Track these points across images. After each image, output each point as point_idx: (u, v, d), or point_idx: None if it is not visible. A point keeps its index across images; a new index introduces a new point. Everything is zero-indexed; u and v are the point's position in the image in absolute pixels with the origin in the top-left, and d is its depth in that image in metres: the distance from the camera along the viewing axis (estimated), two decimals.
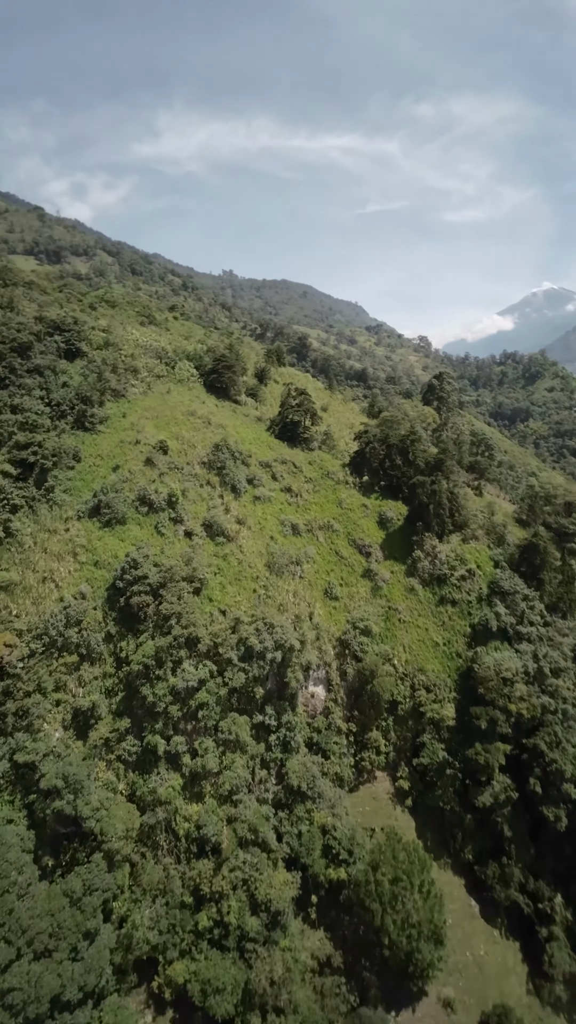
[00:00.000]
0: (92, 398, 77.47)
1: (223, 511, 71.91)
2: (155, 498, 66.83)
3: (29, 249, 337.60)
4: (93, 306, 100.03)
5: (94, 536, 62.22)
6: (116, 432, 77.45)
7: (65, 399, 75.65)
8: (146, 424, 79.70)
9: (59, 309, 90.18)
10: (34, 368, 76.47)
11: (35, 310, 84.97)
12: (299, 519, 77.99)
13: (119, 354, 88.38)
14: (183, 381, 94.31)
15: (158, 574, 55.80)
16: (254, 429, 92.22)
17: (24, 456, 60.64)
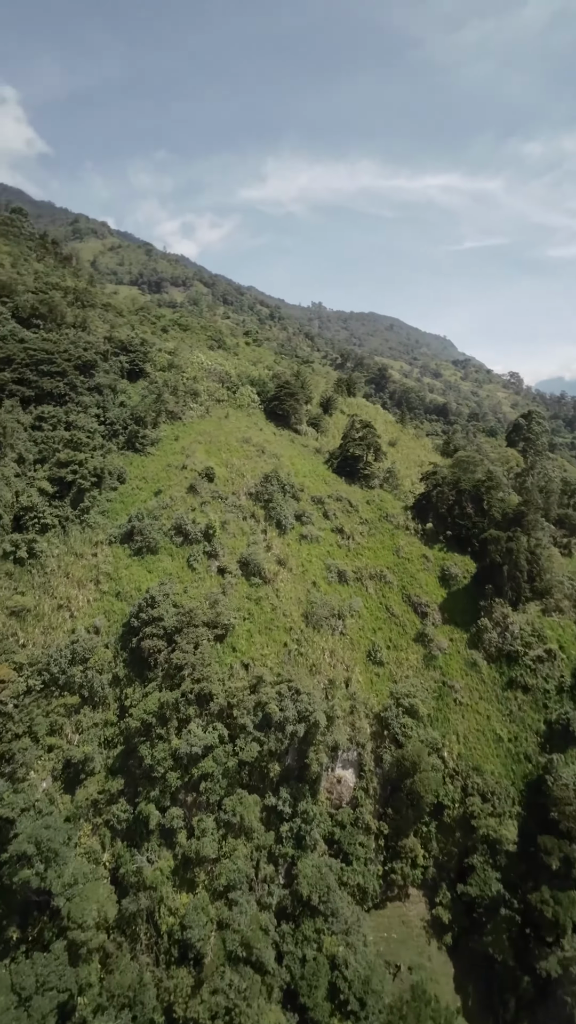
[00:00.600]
0: (146, 419, 75.66)
1: (263, 548, 65.58)
2: (191, 528, 62.07)
3: (134, 280, 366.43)
4: (165, 329, 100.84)
5: (121, 564, 58.37)
6: (165, 455, 74.69)
7: (119, 419, 74.40)
8: (197, 449, 76.28)
9: (130, 331, 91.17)
10: (95, 386, 76.36)
11: (106, 330, 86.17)
12: (348, 565, 69.53)
13: (181, 376, 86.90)
14: (243, 407, 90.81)
15: (175, 616, 50.10)
16: (311, 461, 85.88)
17: (63, 474, 58.62)
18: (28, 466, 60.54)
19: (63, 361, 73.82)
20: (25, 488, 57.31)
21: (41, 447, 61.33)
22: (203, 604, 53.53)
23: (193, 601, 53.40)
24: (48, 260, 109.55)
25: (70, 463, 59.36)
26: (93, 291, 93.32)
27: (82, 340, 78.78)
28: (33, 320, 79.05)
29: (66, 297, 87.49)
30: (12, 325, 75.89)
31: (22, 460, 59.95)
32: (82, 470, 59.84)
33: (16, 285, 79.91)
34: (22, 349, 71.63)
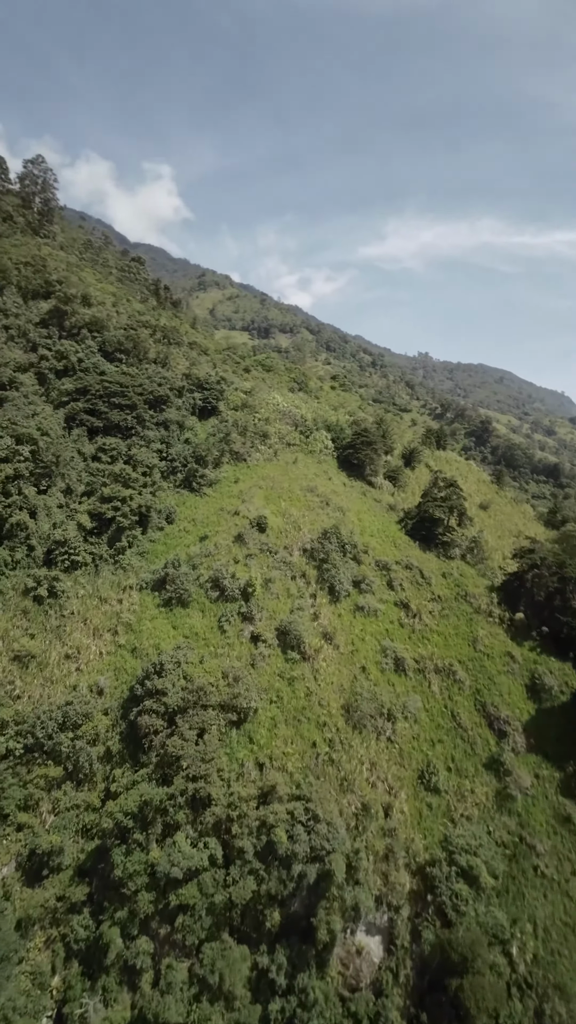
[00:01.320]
0: (207, 458, 71.78)
1: (309, 617, 56.44)
2: (229, 584, 55.04)
3: (246, 326, 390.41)
4: (248, 369, 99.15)
5: (146, 614, 52.67)
6: (221, 498, 69.66)
7: (180, 456, 71.30)
8: (256, 494, 70.35)
9: (210, 368, 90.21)
10: (162, 421, 74.69)
11: (185, 367, 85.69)
12: (410, 650, 57.48)
13: (253, 417, 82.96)
14: (315, 453, 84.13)
15: (181, 693, 42.35)
16: (382, 519, 75.74)
17: (103, 510, 55.32)
18: (75, 497, 58.38)
19: (135, 394, 73.24)
20: (64, 520, 54.67)
21: (90, 479, 59.01)
22: (220, 681, 45.27)
23: (208, 676, 45.33)
24: (151, 301, 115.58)
25: (113, 499, 56.04)
26: (180, 329, 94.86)
27: (159, 375, 78.36)
28: (117, 354, 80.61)
29: (154, 335, 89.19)
30: (97, 358, 77.70)
31: (69, 491, 57.96)
32: (124, 507, 56.16)
33: (109, 322, 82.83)
34: (99, 381, 72.28)
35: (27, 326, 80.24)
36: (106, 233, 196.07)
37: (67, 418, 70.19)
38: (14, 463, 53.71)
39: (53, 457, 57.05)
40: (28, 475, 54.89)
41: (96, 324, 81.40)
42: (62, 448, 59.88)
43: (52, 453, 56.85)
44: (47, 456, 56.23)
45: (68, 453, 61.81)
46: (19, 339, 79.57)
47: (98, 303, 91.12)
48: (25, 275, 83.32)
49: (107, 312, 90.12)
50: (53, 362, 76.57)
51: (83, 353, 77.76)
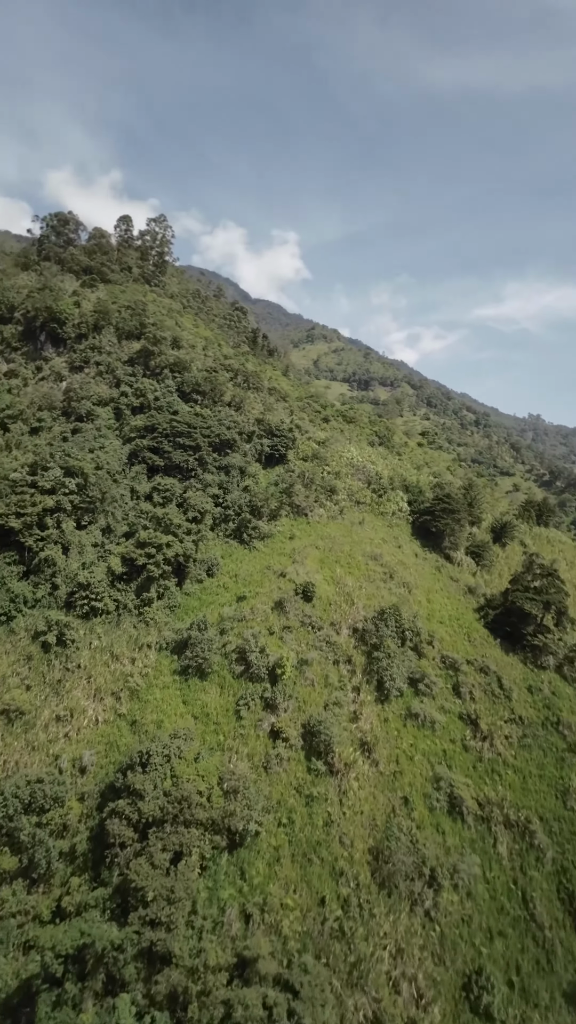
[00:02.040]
0: (263, 509, 66.02)
1: (346, 716, 46.36)
2: (256, 660, 47.12)
3: (347, 378, 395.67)
4: (327, 419, 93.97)
5: (158, 681, 46.29)
6: (271, 554, 62.93)
7: (236, 503, 66.39)
8: (310, 555, 62.67)
9: (287, 415, 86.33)
10: (224, 466, 70.99)
11: (259, 412, 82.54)
12: (472, 787, 44.32)
13: (322, 469, 76.50)
14: (387, 515, 74.85)
15: (161, 799, 34.41)
16: (456, 603, 63.47)
17: (135, 556, 51.12)
18: (114, 537, 55.20)
19: (200, 436, 70.72)
20: (95, 561, 51.23)
21: (133, 520, 55.64)
22: (214, 789, 36.67)
23: (199, 781, 36.90)
24: (244, 347, 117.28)
25: (148, 544, 51.71)
26: (264, 375, 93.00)
27: (229, 419, 75.68)
28: (194, 395, 79.83)
29: (234, 378, 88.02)
30: (173, 398, 77.33)
31: (109, 530, 54.95)
32: (158, 555, 51.50)
33: (192, 363, 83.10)
34: (168, 420, 71.03)
35: (116, 363, 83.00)
36: (221, 286, 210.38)
37: (131, 454, 69.27)
38: (58, 495, 51.94)
39: (99, 493, 54.75)
40: (70, 509, 52.77)
41: (179, 365, 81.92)
42: (111, 484, 57.64)
43: (99, 489, 54.57)
44: (93, 491, 53.99)
45: (119, 490, 59.64)
46: (107, 375, 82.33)
47: (188, 345, 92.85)
48: (123, 317, 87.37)
49: (193, 355, 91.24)
50: (131, 399, 77.53)
51: (161, 392, 77.92)
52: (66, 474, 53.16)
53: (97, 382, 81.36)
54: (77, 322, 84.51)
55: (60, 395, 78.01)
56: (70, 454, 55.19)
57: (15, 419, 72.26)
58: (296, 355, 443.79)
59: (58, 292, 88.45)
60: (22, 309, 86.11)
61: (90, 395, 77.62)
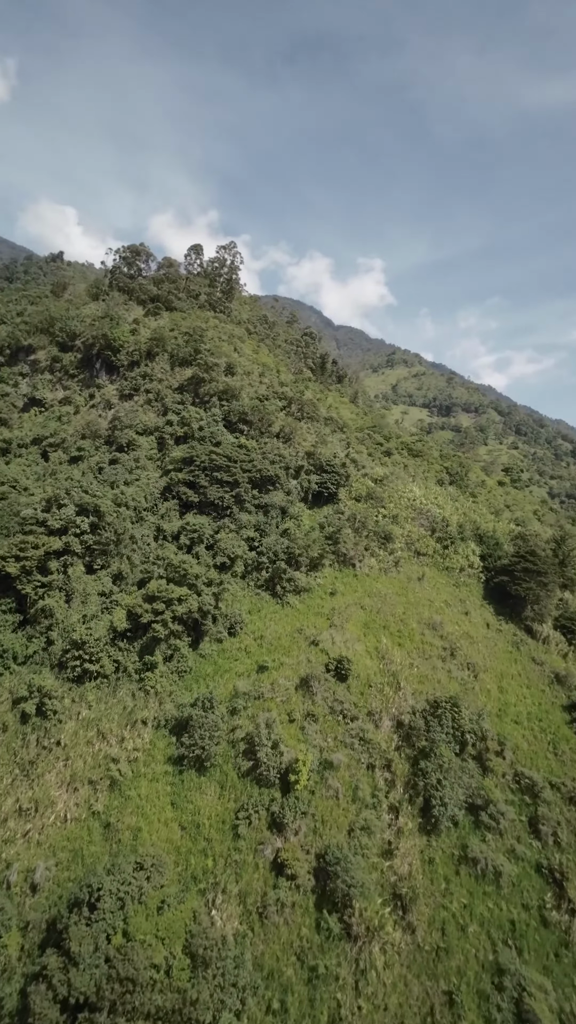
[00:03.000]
0: (302, 557, 57.15)
1: (378, 850, 35.40)
2: (267, 758, 37.80)
3: (427, 403, 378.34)
4: (389, 452, 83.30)
5: (147, 770, 38.47)
6: (306, 613, 53.62)
7: (272, 548, 58.20)
8: (352, 616, 52.57)
9: (343, 448, 77.31)
10: (264, 504, 63.38)
11: (311, 444, 74.38)
12: (556, 997, 30.89)
13: (378, 511, 66.20)
14: (452, 571, 62.50)
15: (99, 972, 25.76)
16: (539, 696, 49.45)
17: (140, 611, 44.43)
18: (126, 585, 49.16)
19: (240, 470, 63.92)
20: (98, 614, 45.26)
21: (148, 567, 49.35)
22: (178, 959, 27.41)
23: (158, 947, 27.78)
24: (305, 373, 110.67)
25: (156, 598, 44.85)
26: (323, 402, 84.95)
27: (275, 451, 68.31)
28: (240, 425, 73.79)
29: (288, 407, 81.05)
30: (218, 427, 71.76)
31: (121, 577, 49.03)
32: (167, 612, 44.35)
33: (242, 391, 77.46)
34: (208, 451, 65.17)
35: (166, 391, 79.71)
36: (295, 313, 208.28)
37: (165, 488, 64.10)
38: (68, 535, 47.01)
39: (114, 534, 49.20)
40: (80, 552, 47.59)
41: (228, 393, 76.65)
42: (128, 525, 52.05)
43: (114, 529, 49.09)
44: (107, 533, 48.56)
45: (141, 530, 53.99)
46: (155, 403, 79.21)
47: (243, 372, 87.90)
48: (178, 343, 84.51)
49: (247, 381, 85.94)
50: (176, 427, 73.22)
51: (206, 420, 72.78)
52: (79, 512, 48.29)
53: (145, 410, 78.42)
54: (131, 349, 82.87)
55: (105, 423, 75.80)
56: (87, 490, 50.52)
57: (56, 447, 70.62)
58: (374, 380, 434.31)
59: (118, 320, 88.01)
60: (83, 337, 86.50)
61: (134, 423, 74.52)
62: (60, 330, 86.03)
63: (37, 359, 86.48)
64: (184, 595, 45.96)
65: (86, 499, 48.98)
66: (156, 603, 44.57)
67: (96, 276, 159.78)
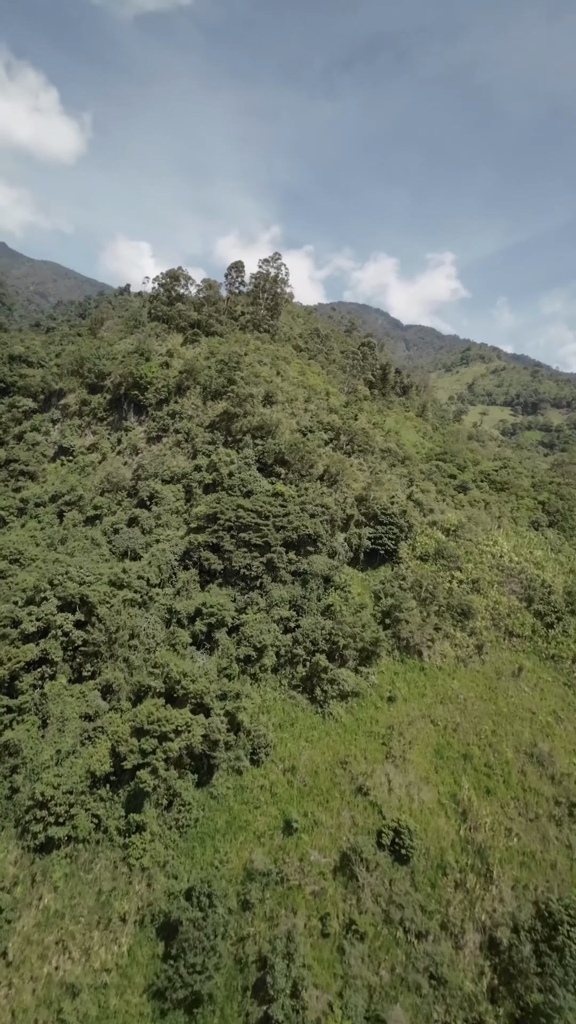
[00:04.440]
0: (348, 649, 43.77)
1: None
2: (280, 1015, 24.98)
3: (509, 401, 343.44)
4: (464, 487, 66.58)
5: (116, 1010, 27.22)
6: (352, 733, 40.07)
7: (311, 633, 45.36)
8: (416, 739, 38.23)
9: (400, 487, 62.42)
10: (302, 571, 50.79)
11: (362, 486, 60.52)
12: None
13: (451, 576, 50.92)
14: (562, 660, 45.52)
15: None
16: None
17: (122, 750, 33.67)
18: (118, 701, 38.87)
19: (273, 529, 52.05)
20: (77, 750, 35.22)
21: (141, 678, 38.72)
22: None
23: None
24: (362, 391, 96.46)
25: (147, 731, 33.92)
26: (383, 426, 70.34)
27: (317, 500, 55.57)
28: (277, 467, 62.03)
29: (335, 439, 67.92)
30: (250, 472, 60.60)
31: (110, 691, 38.87)
32: (159, 751, 33.23)
33: (278, 427, 65.63)
34: (233, 508, 54.09)
35: (196, 430, 70.31)
36: (354, 320, 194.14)
37: (184, 554, 53.87)
38: (47, 640, 37.76)
39: (106, 633, 39.29)
40: (62, 660, 38.16)
41: (263, 429, 65.34)
42: (125, 618, 41.90)
43: (106, 626, 39.20)
44: (97, 632, 38.76)
45: (145, 620, 43.71)
46: (185, 444, 70.02)
47: (284, 399, 76.40)
48: (211, 374, 74.96)
49: (289, 410, 74.25)
50: (204, 473, 63.28)
51: (237, 464, 61.98)
52: (63, 607, 38.96)
53: (174, 453, 69.46)
54: (159, 386, 74.65)
55: (130, 473, 67.75)
56: (78, 575, 41.03)
57: (72, 506, 63.37)
58: (447, 380, 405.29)
59: (149, 353, 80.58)
60: (112, 377, 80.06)
61: (160, 471, 65.67)
62: (89, 371, 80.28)
63: (67, 403, 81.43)
64: (184, 724, 34.57)
65: (72, 590, 39.55)
66: (146, 739, 33.59)
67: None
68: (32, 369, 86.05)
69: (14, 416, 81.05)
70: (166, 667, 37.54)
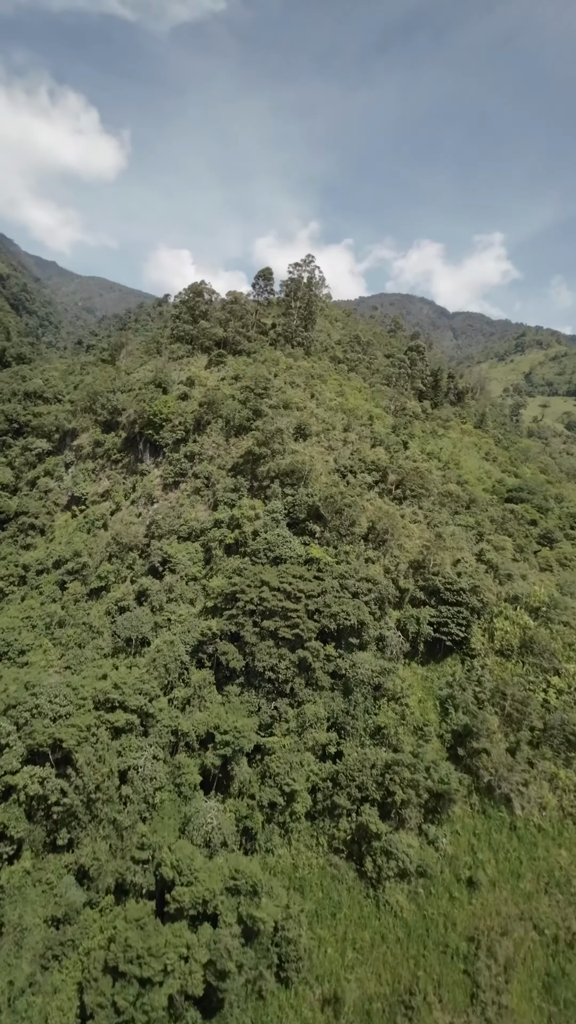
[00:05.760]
0: (409, 805, 32.05)
1: None
2: None
3: (572, 391, 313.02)
4: (550, 537, 51.72)
5: None
6: (418, 936, 28.44)
7: (354, 775, 33.95)
8: (514, 965, 26.30)
9: (469, 545, 49.35)
10: (342, 674, 39.37)
11: (417, 548, 48.05)
12: None
13: (545, 680, 37.80)
14: None
15: None
16: None
17: (93, 1004, 23.83)
18: (97, 892, 29.12)
19: (304, 616, 41.05)
20: (36, 978, 25.83)
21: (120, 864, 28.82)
22: None
23: None
24: (412, 406, 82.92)
25: (123, 974, 23.93)
26: (427, 468, 56.95)
27: (359, 574, 43.89)
28: (310, 523, 50.88)
29: (381, 480, 55.83)
30: (278, 530, 49.88)
31: (85, 875, 29.23)
32: (140, 1003, 23.18)
33: (312, 470, 54.35)
34: (257, 584, 43.51)
35: (218, 475, 60.46)
36: (398, 319, 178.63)
37: (197, 646, 43.86)
38: (6, 807, 28.74)
39: (83, 794, 29.79)
40: (27, 831, 28.96)
41: (294, 474, 54.43)
42: (114, 757, 32.24)
43: (84, 787, 29.69)
44: (73, 792, 29.35)
45: (141, 752, 33.89)
46: (205, 491, 60.36)
47: (321, 428, 65.17)
48: (235, 406, 64.83)
49: (325, 443, 62.95)
50: (226, 529, 53.31)
51: (264, 520, 51.50)
52: (30, 758, 29.81)
53: (192, 502, 59.99)
54: (176, 423, 65.35)
55: (143, 530, 58.87)
56: (44, 709, 31.74)
57: (76, 575, 55.12)
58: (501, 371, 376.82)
59: (167, 384, 71.66)
60: (127, 413, 71.72)
61: (176, 527, 56.41)
62: (102, 407, 72.39)
63: (81, 444, 74.02)
64: (178, 957, 24.29)
65: (42, 733, 30.33)
66: (122, 985, 23.61)
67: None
68: (48, 406, 79.43)
69: (27, 460, 74.54)
70: (157, 855, 27.44)
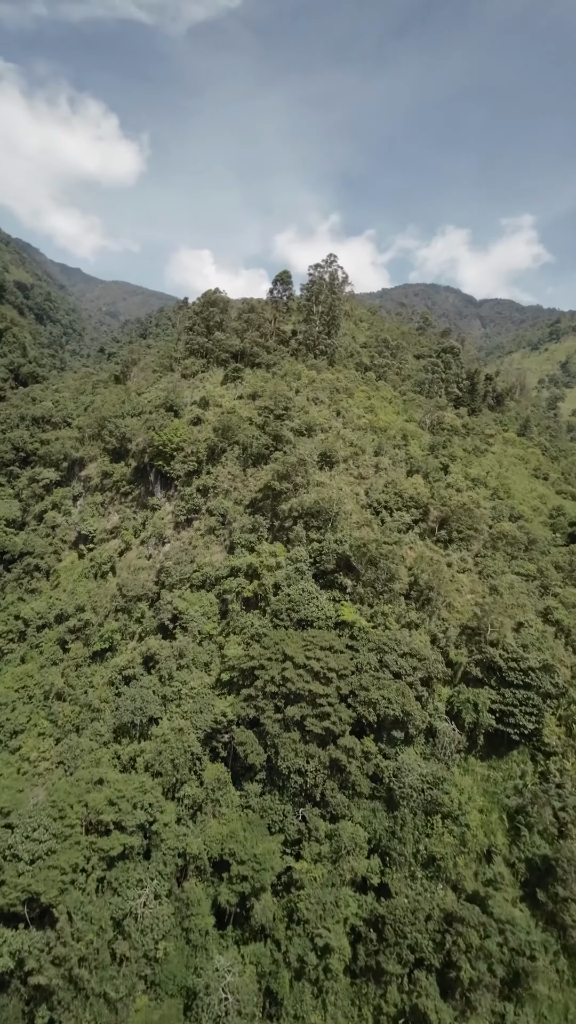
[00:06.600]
0: (473, 986, 24.66)
1: None
2: None
3: None
4: None
5: None
6: None
7: (407, 939, 26.78)
8: None
9: (534, 603, 41.03)
10: (381, 778, 32.09)
11: (469, 606, 40.07)
12: None
13: None
14: None
15: None
16: None
17: None
18: None
19: (336, 700, 34.00)
20: None
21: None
22: None
23: None
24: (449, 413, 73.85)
25: None
26: (476, 502, 48.61)
27: (401, 647, 36.42)
28: (339, 576, 43.63)
29: (422, 519, 47.98)
30: (303, 583, 42.89)
31: None
32: None
33: (340, 512, 47.06)
34: (279, 659, 36.67)
35: (233, 510, 53.93)
36: (426, 314, 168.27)
37: (210, 734, 37.36)
38: None
39: (64, 968, 23.73)
40: None
41: (320, 515, 47.29)
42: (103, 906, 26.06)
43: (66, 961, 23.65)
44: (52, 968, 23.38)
45: (136, 901, 27.63)
46: (220, 530, 53.95)
47: (348, 452, 57.85)
48: (252, 432, 58.08)
49: (355, 472, 55.57)
50: (242, 579, 46.70)
51: (287, 571, 44.66)
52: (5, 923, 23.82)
53: (207, 543, 53.69)
54: (188, 452, 59.06)
55: (152, 576, 52.93)
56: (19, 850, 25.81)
57: (78, 633, 49.52)
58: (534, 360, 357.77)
59: (179, 407, 65.53)
60: (136, 440, 65.86)
61: (188, 574, 50.21)
62: (110, 434, 66.80)
63: (89, 475, 68.75)
64: None
65: (12, 888, 24.35)
66: None
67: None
68: (56, 431, 74.57)
69: (34, 492, 69.84)
70: None
